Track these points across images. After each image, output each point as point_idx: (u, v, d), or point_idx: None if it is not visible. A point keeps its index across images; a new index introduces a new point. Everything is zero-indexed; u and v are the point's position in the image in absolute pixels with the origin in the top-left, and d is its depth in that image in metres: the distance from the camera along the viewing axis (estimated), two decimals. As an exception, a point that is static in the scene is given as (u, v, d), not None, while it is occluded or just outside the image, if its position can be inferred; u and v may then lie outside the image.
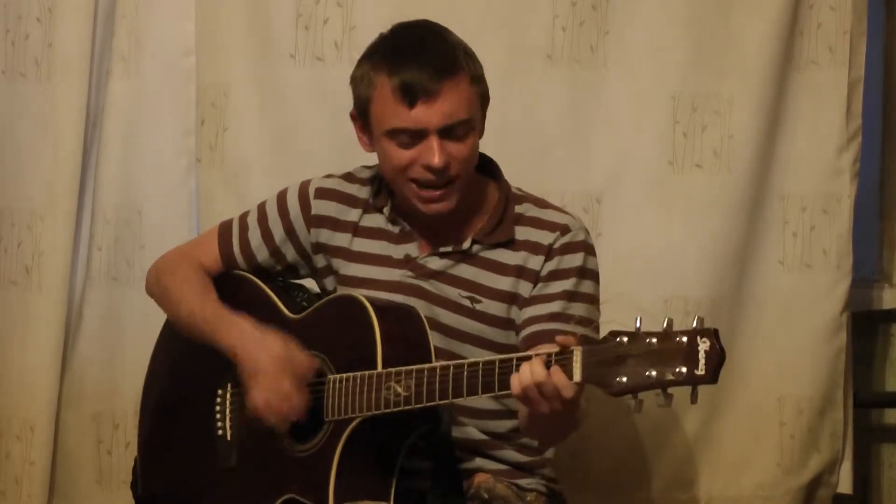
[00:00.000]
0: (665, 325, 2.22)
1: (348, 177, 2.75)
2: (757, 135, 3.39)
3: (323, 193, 2.72)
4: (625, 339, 2.23)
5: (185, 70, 3.38)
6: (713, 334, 2.19)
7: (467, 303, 2.62)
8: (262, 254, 2.74)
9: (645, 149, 3.39)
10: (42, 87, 3.33)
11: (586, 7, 3.35)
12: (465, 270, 2.63)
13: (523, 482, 2.66)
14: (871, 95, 3.56)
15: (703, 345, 2.18)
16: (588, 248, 2.64)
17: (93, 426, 3.40)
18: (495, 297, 2.62)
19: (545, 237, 2.62)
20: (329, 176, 2.76)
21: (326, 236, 2.71)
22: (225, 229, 2.79)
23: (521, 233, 2.64)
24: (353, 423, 2.49)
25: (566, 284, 2.60)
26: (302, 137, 3.37)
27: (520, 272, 2.62)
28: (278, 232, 2.73)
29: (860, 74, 3.44)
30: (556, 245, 2.61)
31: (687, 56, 3.37)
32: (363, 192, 2.72)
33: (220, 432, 2.68)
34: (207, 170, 3.38)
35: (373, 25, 3.30)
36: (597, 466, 3.40)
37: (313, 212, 2.72)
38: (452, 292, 2.63)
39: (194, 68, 3.37)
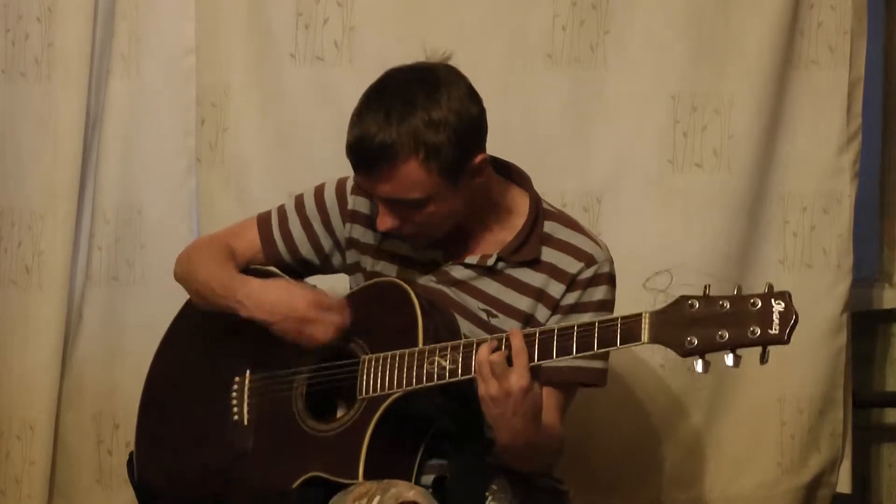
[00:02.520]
0: (735, 291, 2.25)
1: None
2: (757, 134, 3.40)
3: (360, 190, 2.71)
4: (696, 302, 2.27)
5: (185, 70, 3.37)
6: (787, 297, 2.22)
7: (483, 315, 2.62)
8: (303, 243, 2.75)
9: (645, 148, 3.39)
10: (42, 87, 3.32)
11: (586, 7, 3.35)
12: (488, 285, 2.63)
13: (535, 481, 2.66)
14: (871, 95, 3.56)
15: (778, 306, 2.21)
16: (611, 281, 2.64)
17: (93, 426, 3.40)
18: (511, 314, 2.62)
19: (570, 265, 2.61)
20: None
21: (359, 232, 2.72)
22: (263, 218, 2.79)
23: (547, 254, 2.63)
24: (391, 398, 2.49)
25: (584, 318, 2.57)
26: (302, 137, 3.36)
27: (539, 295, 2.62)
28: (317, 223, 2.74)
29: (860, 74, 3.45)
30: (581, 277, 2.61)
31: (687, 55, 3.37)
32: None
33: (235, 417, 2.68)
34: (207, 170, 3.37)
35: (373, 25, 3.33)
36: (598, 465, 3.40)
37: (349, 206, 2.72)
38: (472, 303, 2.63)
39: (194, 68, 3.36)
